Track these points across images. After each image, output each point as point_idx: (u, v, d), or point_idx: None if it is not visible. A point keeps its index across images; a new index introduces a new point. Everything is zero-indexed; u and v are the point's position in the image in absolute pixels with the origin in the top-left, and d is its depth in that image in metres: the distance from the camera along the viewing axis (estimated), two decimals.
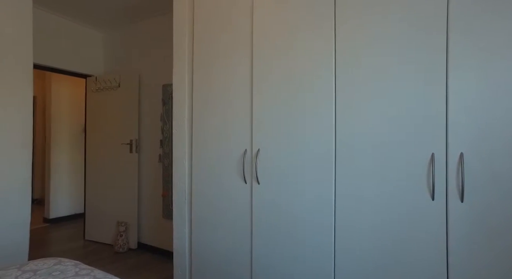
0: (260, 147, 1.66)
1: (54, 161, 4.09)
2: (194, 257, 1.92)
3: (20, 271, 1.26)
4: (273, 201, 1.61)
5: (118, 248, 3.05)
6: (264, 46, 1.64)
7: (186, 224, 1.98)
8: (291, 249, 1.54)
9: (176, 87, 2.03)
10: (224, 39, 1.80)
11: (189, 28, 1.98)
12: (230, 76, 1.78)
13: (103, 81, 3.31)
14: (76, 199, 4.25)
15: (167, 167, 2.94)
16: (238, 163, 1.74)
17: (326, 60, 1.45)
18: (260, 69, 1.66)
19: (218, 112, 1.82)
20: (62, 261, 1.38)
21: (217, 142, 1.82)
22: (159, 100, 3.05)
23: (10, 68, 2.24)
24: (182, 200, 1.99)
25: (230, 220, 1.77)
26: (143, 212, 3.17)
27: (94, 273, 1.29)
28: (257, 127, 1.67)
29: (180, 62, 2.01)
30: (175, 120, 2.03)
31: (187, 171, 1.98)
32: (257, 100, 1.66)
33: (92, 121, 3.41)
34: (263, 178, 1.64)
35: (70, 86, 4.24)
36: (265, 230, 1.63)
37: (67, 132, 4.24)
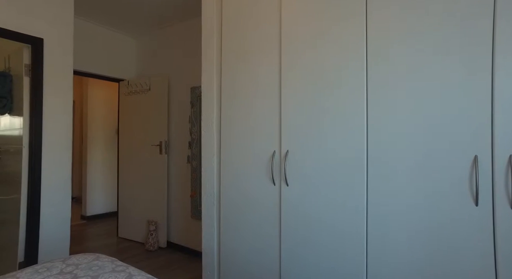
0: (289, 148, 1.64)
1: (90, 161, 4.31)
2: (223, 258, 1.94)
3: (64, 264, 1.33)
4: (303, 204, 1.58)
5: (148, 246, 3.15)
6: (293, 45, 1.62)
7: (214, 225, 2.00)
8: (320, 256, 1.50)
9: (205, 89, 2.06)
10: (252, 39, 1.80)
11: (217, 30, 2.01)
12: (258, 77, 1.78)
13: (135, 85, 3.44)
14: (110, 197, 4.46)
15: (195, 168, 2.99)
16: (267, 164, 1.73)
17: (357, 59, 1.41)
18: (288, 68, 1.64)
19: (246, 113, 1.83)
20: (100, 257, 1.45)
21: (246, 143, 1.83)
22: (187, 102, 3.12)
23: (53, 75, 2.40)
24: (211, 201, 2.02)
25: (258, 221, 1.77)
26: (172, 212, 3.26)
27: (129, 270, 1.33)
28: (285, 128, 1.65)
29: (209, 64, 2.04)
30: (203, 122, 2.06)
31: (215, 172, 2.00)
32: (286, 101, 1.65)
33: (124, 124, 3.56)
34: (292, 180, 1.62)
35: (105, 90, 4.46)
36: (294, 234, 1.60)
37: (102, 134, 4.46)
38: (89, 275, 1.26)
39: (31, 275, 1.23)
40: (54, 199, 2.40)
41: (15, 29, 2.17)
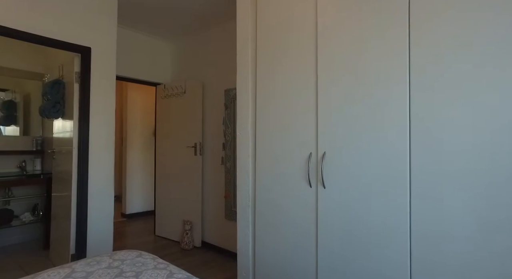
0: (326, 149, 1.61)
1: (129, 162, 4.54)
2: (258, 260, 1.94)
3: (111, 259, 1.41)
4: (341, 207, 1.54)
5: (184, 245, 3.24)
6: (329, 46, 1.59)
7: (249, 226, 2.01)
8: (359, 257, 1.45)
9: (240, 91, 2.08)
10: (287, 41, 1.80)
11: (252, 33, 2.02)
12: (293, 79, 1.76)
13: (171, 88, 3.57)
14: (148, 197, 4.65)
15: (229, 169, 3.03)
16: (303, 166, 1.71)
17: (398, 59, 1.35)
18: (325, 70, 1.61)
19: (282, 115, 1.82)
20: (142, 254, 1.51)
21: (281, 144, 1.82)
22: (221, 104, 3.18)
23: (99, 81, 2.56)
24: (246, 202, 2.03)
25: (294, 224, 1.75)
26: (207, 212, 3.33)
27: (170, 268, 1.38)
28: (322, 130, 1.62)
29: (243, 66, 2.06)
30: (238, 124, 2.08)
31: (250, 173, 2.01)
32: (322, 103, 1.62)
33: (161, 126, 3.70)
34: (330, 182, 1.58)
35: (142, 94, 4.68)
36: (332, 237, 1.56)
37: (140, 136, 4.68)
38: (133, 270, 1.31)
39: (84, 267, 1.32)
40: (99, 197, 2.56)
41: (68, 40, 2.35)
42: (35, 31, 2.19)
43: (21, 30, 2.13)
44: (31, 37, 2.19)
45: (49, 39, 2.27)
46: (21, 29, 2.13)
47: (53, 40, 2.29)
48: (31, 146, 3.48)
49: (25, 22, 2.15)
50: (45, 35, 2.24)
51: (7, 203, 3.22)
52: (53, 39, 2.28)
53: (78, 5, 2.42)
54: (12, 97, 3.46)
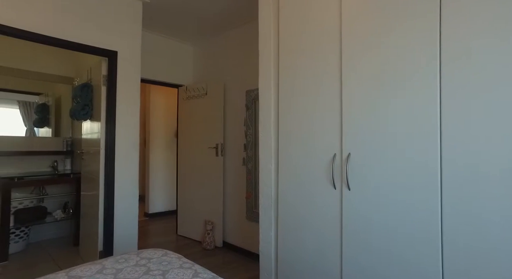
0: (351, 151, 1.57)
1: (152, 162, 4.65)
2: (280, 262, 1.92)
3: (138, 257, 1.45)
4: (366, 209, 1.49)
5: (205, 245, 3.27)
6: (354, 44, 1.56)
7: (272, 228, 2.00)
8: (385, 263, 1.41)
9: (262, 92, 2.08)
10: (310, 40, 1.77)
11: (274, 33, 2.02)
12: (317, 79, 1.74)
13: (192, 90, 3.63)
14: (170, 197, 4.75)
15: (251, 170, 3.04)
16: (327, 168, 1.68)
17: (427, 57, 1.29)
18: (349, 69, 1.57)
19: (305, 115, 1.80)
20: (168, 253, 1.54)
21: (304, 145, 1.80)
22: (242, 105, 3.19)
23: (124, 84, 2.65)
24: (268, 203, 2.02)
25: (317, 225, 1.72)
26: (228, 213, 3.35)
27: (195, 267, 1.39)
28: (347, 131, 1.58)
29: (266, 67, 2.06)
30: (261, 125, 2.08)
31: (273, 174, 2.00)
32: (347, 102, 1.58)
33: (183, 127, 3.77)
34: (355, 184, 1.55)
35: (165, 95, 4.78)
36: (357, 240, 1.52)
37: (162, 137, 4.79)
38: (160, 269, 1.34)
39: (113, 264, 1.36)
40: (124, 197, 2.64)
41: (96, 45, 2.45)
42: (66, 37, 2.30)
43: (54, 36, 2.24)
44: (63, 43, 2.30)
45: (79, 44, 2.37)
46: (54, 35, 2.24)
47: (83, 45, 2.39)
48: (62, 146, 3.65)
49: (57, 29, 2.26)
50: (75, 40, 2.34)
51: (41, 201, 3.40)
52: (82, 44, 2.38)
53: (105, 11, 2.52)
54: (45, 101, 3.64)
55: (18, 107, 3.46)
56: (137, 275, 1.26)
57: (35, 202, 3.28)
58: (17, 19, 2.08)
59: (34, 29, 2.15)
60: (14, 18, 2.07)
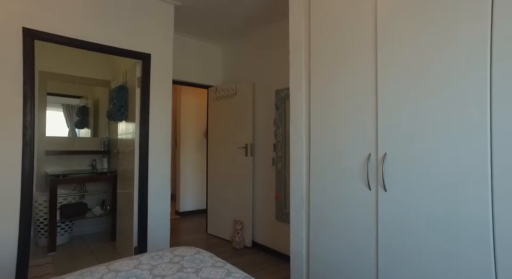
0: (388, 150, 1.49)
1: (182, 162, 4.77)
2: (312, 263, 1.88)
3: (172, 254, 1.47)
4: (405, 211, 1.41)
5: (235, 244, 3.29)
6: (391, 38, 1.48)
7: (303, 229, 1.96)
8: (425, 271, 1.32)
9: (293, 91, 2.04)
10: (343, 37, 1.71)
11: (305, 30, 1.97)
12: (351, 77, 1.68)
13: (222, 90, 3.67)
14: (200, 196, 4.84)
15: (280, 170, 3.01)
16: (361, 168, 1.61)
17: (476, 52, 1.19)
18: (385, 64, 1.50)
19: (338, 114, 1.74)
20: (200, 251, 1.55)
21: (337, 145, 1.74)
22: (272, 105, 3.17)
23: (157, 85, 2.73)
24: (299, 204, 1.98)
25: (351, 228, 1.66)
26: (257, 213, 3.34)
27: (227, 266, 1.39)
28: (383, 130, 1.51)
29: (297, 65, 2.02)
30: (292, 124, 2.04)
31: (304, 175, 1.96)
32: (383, 101, 1.51)
33: (212, 127, 3.82)
34: (392, 185, 1.47)
35: (195, 96, 4.89)
36: (395, 244, 1.44)
37: (192, 137, 4.89)
38: (193, 267, 1.35)
39: (148, 260, 1.40)
40: (157, 195, 2.72)
41: (130, 48, 2.55)
42: (105, 42, 2.42)
43: (94, 42, 2.36)
44: (102, 48, 2.42)
45: (116, 48, 2.48)
46: (93, 41, 2.36)
47: (119, 49, 2.50)
48: (100, 146, 3.85)
49: (96, 34, 2.38)
50: (112, 45, 2.45)
51: (82, 197, 3.61)
52: (119, 48, 2.49)
53: (140, 16, 2.61)
54: (85, 103, 3.86)
55: (62, 110, 3.70)
56: (171, 272, 1.28)
57: (77, 198, 3.49)
58: (63, 27, 2.22)
59: (76, 36, 2.28)
60: (60, 26, 2.21)
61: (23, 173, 2.03)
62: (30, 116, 2.07)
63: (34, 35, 2.10)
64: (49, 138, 3.51)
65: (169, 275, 1.26)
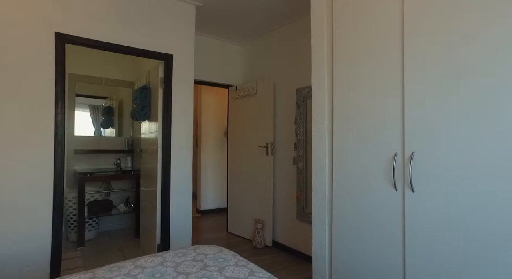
0: (415, 149, 1.43)
1: (203, 161, 4.83)
2: (335, 265, 1.84)
3: (195, 252, 1.49)
4: (435, 215, 1.35)
5: (255, 243, 3.29)
6: (418, 30, 1.41)
7: (326, 229, 1.92)
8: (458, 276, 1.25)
9: (315, 89, 2.01)
10: (369, 29, 1.66)
11: (327, 27, 1.93)
12: (375, 71, 1.62)
13: (242, 89, 3.68)
14: (220, 195, 4.89)
15: (301, 169, 2.97)
16: (386, 167, 1.56)
17: None
18: (413, 58, 1.44)
19: (362, 112, 1.69)
20: (223, 250, 1.56)
21: (361, 143, 1.69)
22: (293, 104, 3.14)
23: (179, 85, 2.77)
24: (322, 204, 1.95)
25: (376, 229, 1.61)
26: (278, 212, 3.32)
27: (250, 266, 1.39)
28: (410, 129, 1.45)
29: (319, 63, 1.99)
30: (314, 123, 2.01)
31: (327, 174, 1.92)
32: (410, 98, 1.45)
33: (233, 126, 3.84)
34: (420, 186, 1.41)
35: (215, 96, 4.93)
36: (424, 248, 1.38)
37: (213, 136, 4.94)
38: (216, 265, 1.36)
39: (172, 257, 1.42)
40: (179, 193, 2.76)
41: (153, 49, 2.61)
42: (129, 43, 2.48)
43: (119, 44, 2.43)
44: (126, 49, 2.48)
45: (139, 49, 2.54)
46: (118, 43, 2.43)
47: (142, 50, 2.55)
48: (124, 145, 3.97)
49: (120, 37, 2.45)
50: (136, 46, 2.51)
51: (108, 195, 3.74)
52: (142, 49, 2.55)
53: (161, 17, 2.66)
54: (110, 104, 4.00)
55: (88, 110, 3.85)
56: (195, 270, 1.30)
57: (103, 195, 3.62)
58: (91, 31, 2.30)
59: (103, 39, 2.36)
60: (88, 30, 2.29)
61: (55, 170, 2.13)
62: (61, 117, 2.16)
63: (65, 39, 2.19)
64: (77, 138, 3.67)
65: (193, 273, 1.27)
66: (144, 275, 1.25)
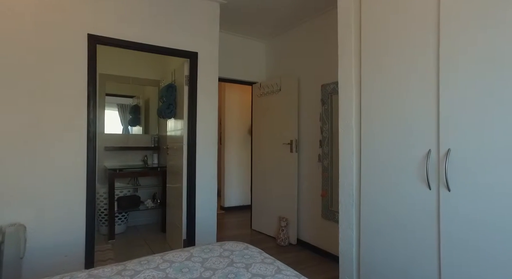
0: (451, 146, 1.35)
1: (227, 158, 4.86)
2: (363, 265, 1.78)
3: (221, 248, 1.50)
4: (475, 215, 1.26)
5: (280, 241, 3.27)
6: (455, 25, 1.32)
7: (353, 228, 1.87)
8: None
9: (342, 85, 1.95)
10: (401, 18, 1.58)
11: (355, 20, 1.87)
12: (407, 63, 1.54)
13: (266, 86, 3.65)
14: (244, 192, 4.91)
15: (327, 167, 2.91)
16: (419, 165, 1.48)
17: None
18: (449, 47, 1.35)
19: (392, 107, 1.62)
20: (249, 247, 1.56)
21: (391, 141, 1.62)
22: (317, 100, 3.08)
23: (204, 83, 2.80)
24: (349, 202, 1.89)
25: (408, 229, 1.54)
26: (302, 210, 3.28)
27: (276, 263, 1.37)
28: (446, 124, 1.37)
29: (346, 58, 1.92)
30: (341, 119, 1.96)
31: (354, 172, 1.86)
32: (446, 90, 1.37)
33: (257, 123, 3.83)
34: (458, 185, 1.32)
35: (239, 93, 4.94)
36: (462, 252, 1.30)
37: (236, 134, 4.96)
38: (243, 262, 1.36)
39: (199, 253, 1.44)
40: (205, 190, 2.80)
41: (179, 47, 2.64)
42: (156, 42, 2.53)
43: (147, 43, 2.49)
44: (153, 48, 2.54)
45: (166, 48, 2.58)
46: (146, 42, 2.49)
47: (169, 49, 2.60)
48: (150, 142, 4.08)
49: (148, 36, 2.50)
50: (163, 45, 2.56)
51: (135, 190, 3.87)
52: (168, 48, 2.59)
53: (186, 15, 2.69)
54: (137, 102, 4.12)
55: (116, 109, 3.99)
56: (222, 266, 1.30)
57: (131, 191, 3.75)
58: (120, 31, 2.37)
59: (132, 39, 2.42)
60: (118, 30, 2.36)
61: (88, 166, 2.22)
62: (93, 115, 2.25)
63: (97, 40, 2.27)
64: (107, 135, 3.81)
65: (220, 268, 1.28)
66: (172, 270, 1.27)
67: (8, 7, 1.98)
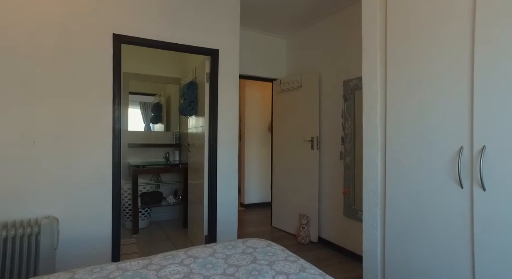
0: (487, 143, 1.27)
1: (247, 155, 4.87)
2: (388, 265, 1.73)
3: (244, 245, 1.50)
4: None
5: (300, 239, 3.25)
6: (494, 8, 1.24)
7: (378, 228, 1.82)
8: None
9: (366, 79, 1.89)
10: (432, 7, 1.50)
11: (380, 9, 1.80)
12: (436, 56, 1.47)
13: (287, 83, 3.62)
14: (264, 189, 4.90)
15: (349, 164, 2.85)
16: (450, 163, 1.41)
17: None
18: (484, 41, 1.27)
19: (420, 102, 1.55)
20: (271, 244, 1.55)
21: (419, 137, 1.55)
22: (339, 97, 3.01)
23: (225, 80, 2.80)
24: (373, 201, 1.84)
25: (437, 232, 1.47)
26: (323, 208, 3.23)
27: (300, 261, 1.36)
28: (480, 119, 1.29)
29: (370, 50, 1.86)
30: (365, 115, 1.90)
31: (379, 170, 1.81)
32: (481, 85, 1.29)
33: (277, 120, 3.80)
34: (493, 184, 1.25)
35: (259, 90, 4.92)
36: (500, 258, 1.23)
37: (256, 131, 4.96)
38: (266, 259, 1.35)
39: (222, 249, 1.44)
40: (226, 186, 2.81)
41: (200, 45, 2.66)
42: (177, 40, 2.56)
43: (168, 41, 2.52)
44: (175, 46, 2.57)
45: (187, 46, 2.61)
46: (168, 40, 2.52)
47: (190, 46, 2.62)
48: (172, 140, 4.16)
49: (170, 34, 2.53)
50: (184, 43, 2.59)
51: (158, 187, 3.96)
52: (189, 45, 2.61)
53: (207, 12, 2.70)
54: (159, 100, 4.20)
55: (139, 107, 4.09)
56: (245, 263, 1.30)
57: (153, 187, 3.84)
58: (144, 30, 2.42)
59: (155, 37, 2.46)
60: (142, 29, 2.41)
61: (113, 162, 2.29)
62: (118, 113, 2.31)
63: (122, 40, 2.33)
64: (130, 133, 3.92)
65: (243, 265, 1.28)
66: (196, 265, 1.28)
67: (37, 12, 2.07)
